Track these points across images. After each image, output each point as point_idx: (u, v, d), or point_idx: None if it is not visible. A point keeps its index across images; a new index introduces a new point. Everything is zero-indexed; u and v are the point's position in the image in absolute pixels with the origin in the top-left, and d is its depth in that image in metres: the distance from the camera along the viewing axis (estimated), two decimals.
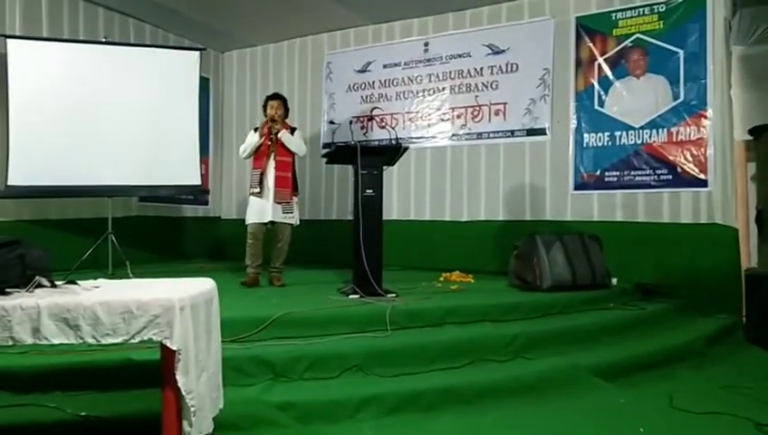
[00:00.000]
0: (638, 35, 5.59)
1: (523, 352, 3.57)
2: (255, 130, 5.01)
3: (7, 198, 5.48)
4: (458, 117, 6.54)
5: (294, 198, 4.99)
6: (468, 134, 6.46)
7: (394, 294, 4.19)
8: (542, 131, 6.05)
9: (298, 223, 5.07)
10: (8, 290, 2.07)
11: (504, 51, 6.30)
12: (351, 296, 4.15)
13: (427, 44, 6.74)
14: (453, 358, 3.36)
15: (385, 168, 4.47)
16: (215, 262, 6.82)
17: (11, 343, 1.96)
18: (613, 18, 5.73)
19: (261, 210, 4.89)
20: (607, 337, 3.98)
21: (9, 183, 5.37)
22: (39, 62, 5.54)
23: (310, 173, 7.39)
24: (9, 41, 5.47)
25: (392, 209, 6.66)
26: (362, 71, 7.12)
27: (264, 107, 5.07)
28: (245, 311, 3.57)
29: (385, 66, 6.98)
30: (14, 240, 2.19)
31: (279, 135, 4.88)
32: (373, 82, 7.06)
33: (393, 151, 4.51)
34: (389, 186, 6.31)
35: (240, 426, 2.60)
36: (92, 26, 6.45)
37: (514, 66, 6.24)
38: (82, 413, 2.60)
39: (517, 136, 6.18)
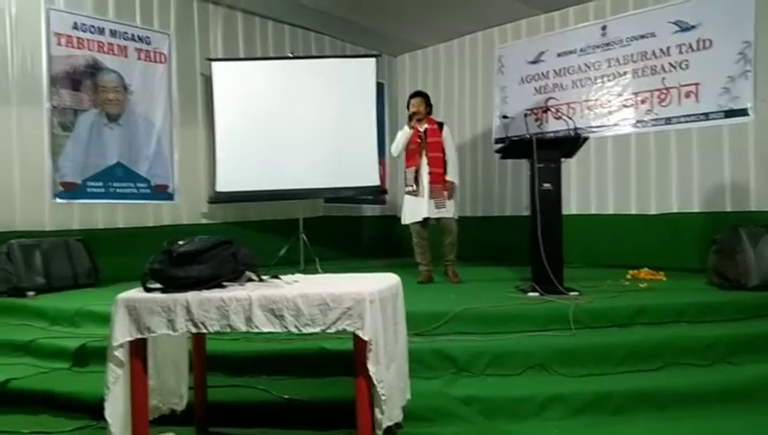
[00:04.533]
0: None
1: (727, 358, 3.22)
2: (402, 129, 5.11)
3: (216, 202, 6.24)
4: (643, 102, 6.08)
5: (447, 192, 4.97)
6: (655, 120, 5.98)
7: (576, 292, 4.02)
8: (742, 112, 5.40)
9: (456, 217, 5.07)
10: (224, 283, 2.36)
11: (693, 27, 5.73)
12: (531, 294, 4.06)
13: (604, 28, 6.36)
14: (644, 360, 3.15)
15: (563, 160, 4.31)
16: (392, 259, 7.08)
17: (228, 329, 2.23)
18: None
19: (416, 208, 4.97)
20: None
21: (217, 190, 6.11)
22: (238, 80, 6.22)
23: (482, 169, 7.36)
24: (213, 63, 6.21)
25: (571, 203, 6.38)
26: (535, 61, 6.93)
27: (408, 106, 5.14)
28: (426, 306, 3.67)
29: (559, 55, 6.72)
30: (227, 240, 2.47)
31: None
32: (547, 72, 6.84)
33: (572, 143, 4.32)
34: (567, 179, 6.06)
35: (426, 417, 2.69)
36: (280, 43, 7.08)
37: (707, 42, 5.64)
38: (285, 396, 2.87)
39: (713, 119, 5.58)
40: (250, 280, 2.43)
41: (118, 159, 5.71)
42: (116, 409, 2.27)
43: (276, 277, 2.50)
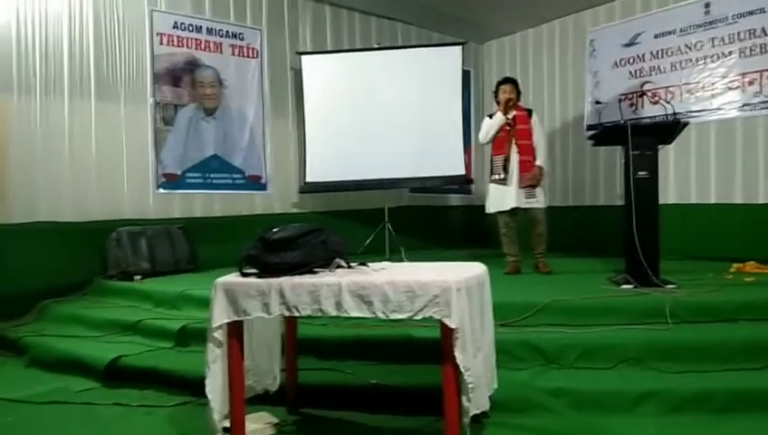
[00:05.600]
0: None
1: None
2: (489, 116, 5.00)
3: (305, 192, 6.44)
4: (750, 83, 5.66)
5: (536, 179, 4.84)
6: (764, 102, 5.55)
7: (674, 285, 3.82)
8: None
9: (545, 206, 4.93)
10: (315, 269, 2.43)
11: None
12: (624, 286, 3.91)
13: (708, 5, 5.96)
14: (751, 358, 2.95)
15: (660, 147, 4.09)
16: (478, 249, 7.02)
17: (319, 314, 2.30)
18: None
19: (503, 197, 4.86)
20: None
21: (307, 180, 6.30)
22: (326, 72, 6.37)
23: (573, 157, 7.13)
24: (303, 57, 6.38)
25: (668, 192, 6.06)
26: (630, 44, 6.61)
27: (496, 93, 5.02)
28: (513, 296, 3.61)
29: (656, 36, 6.37)
30: (318, 228, 2.55)
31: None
32: (643, 55, 6.50)
33: (670, 128, 4.11)
34: (665, 167, 5.76)
35: (513, 408, 2.66)
36: (367, 35, 7.17)
37: None
38: (372, 380, 2.92)
39: None
40: (339, 267, 2.49)
41: (214, 152, 6.00)
42: (215, 386, 2.40)
43: (364, 264, 2.54)
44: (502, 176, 4.85)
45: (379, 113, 6.21)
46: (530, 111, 4.97)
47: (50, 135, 5.00)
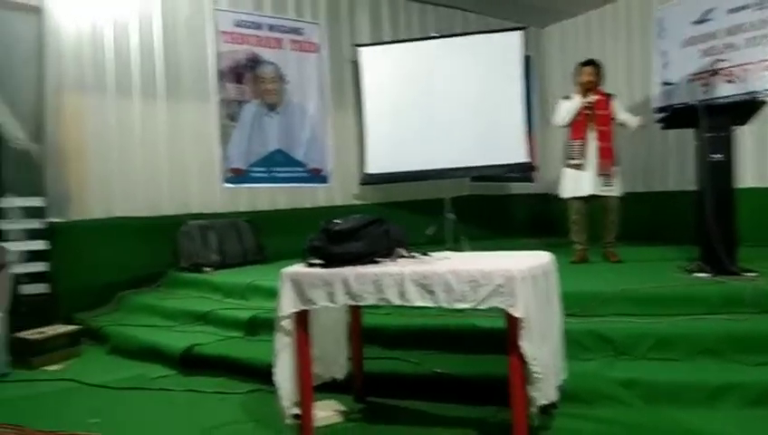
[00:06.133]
0: None
1: None
2: (566, 98, 4.85)
3: (367, 184, 6.49)
4: None
5: (614, 168, 4.71)
6: None
7: (755, 273, 3.62)
8: None
9: (621, 194, 4.77)
10: (378, 259, 2.45)
11: None
12: (698, 275, 3.74)
13: None
14: None
15: (735, 128, 3.89)
16: (542, 238, 6.87)
17: (383, 303, 2.32)
18: None
19: (579, 183, 4.72)
20: None
21: (367, 171, 6.35)
22: (384, 63, 6.38)
23: (641, 140, 6.85)
24: (361, 48, 6.42)
25: (746, 176, 5.73)
26: (701, 21, 6.28)
27: (576, 75, 4.86)
28: (580, 285, 3.52)
29: (730, 11, 6.02)
30: (379, 218, 2.58)
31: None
32: (715, 32, 6.17)
33: (746, 108, 3.90)
34: (742, 148, 5.45)
35: (582, 399, 2.61)
36: (425, 24, 7.13)
37: None
38: (437, 370, 2.93)
39: None
40: (401, 256, 2.50)
41: (277, 146, 6.14)
42: (283, 375, 2.47)
43: (426, 254, 2.55)
44: (579, 161, 4.73)
45: (439, 102, 6.17)
46: (610, 96, 4.81)
47: (123, 134, 5.24)
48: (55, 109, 4.91)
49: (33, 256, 4.67)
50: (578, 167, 4.73)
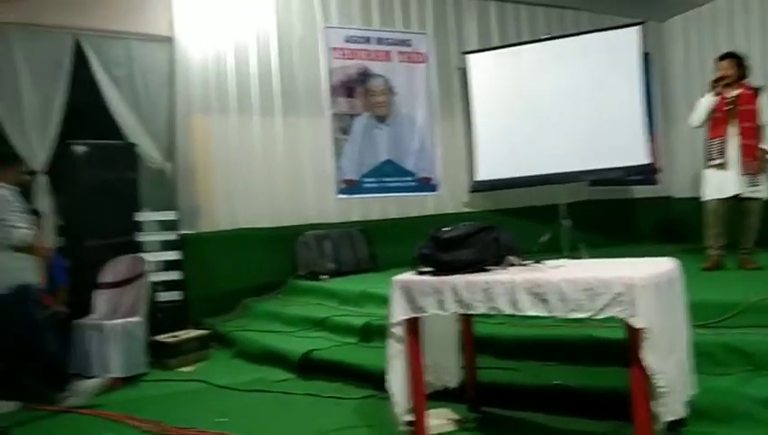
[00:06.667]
0: None
1: None
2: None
3: (477, 191, 6.43)
4: None
5: (762, 166, 4.30)
6: None
7: None
8: None
9: (767, 196, 4.36)
10: (487, 267, 2.42)
11: None
12: None
13: None
14: None
15: None
16: (668, 244, 6.44)
17: (493, 312, 2.29)
18: None
19: (722, 184, 4.36)
20: None
21: (477, 179, 6.30)
22: (493, 68, 6.31)
23: None
24: (469, 56, 6.39)
25: None
26: None
27: (715, 71, 4.51)
28: (712, 294, 3.27)
29: None
30: (489, 225, 2.54)
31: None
32: None
33: None
34: None
35: (714, 416, 2.40)
36: (534, 26, 6.96)
37: None
38: (555, 381, 2.83)
39: None
40: (512, 265, 2.45)
41: (387, 157, 6.26)
42: (396, 381, 2.50)
43: (539, 262, 2.48)
44: (720, 161, 4.38)
45: (550, 106, 5.99)
46: (757, 90, 4.42)
47: (245, 151, 5.59)
48: (185, 130, 5.35)
49: (168, 265, 5.07)
50: (719, 166, 4.38)
